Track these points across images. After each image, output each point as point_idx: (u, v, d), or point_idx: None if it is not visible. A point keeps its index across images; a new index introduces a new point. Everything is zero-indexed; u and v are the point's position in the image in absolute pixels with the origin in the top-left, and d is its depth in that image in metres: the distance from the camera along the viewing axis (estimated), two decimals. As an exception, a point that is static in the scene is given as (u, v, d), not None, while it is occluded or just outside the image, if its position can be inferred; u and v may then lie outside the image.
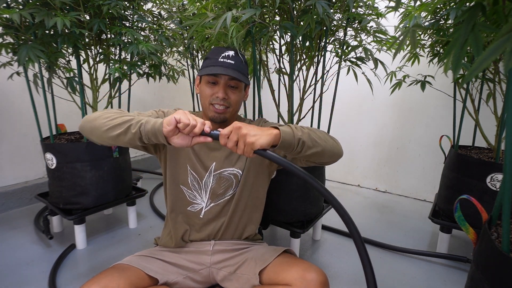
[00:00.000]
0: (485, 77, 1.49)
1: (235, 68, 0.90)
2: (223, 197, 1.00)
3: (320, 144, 0.79)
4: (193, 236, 1.01)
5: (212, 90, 0.92)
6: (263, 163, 1.02)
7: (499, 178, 1.31)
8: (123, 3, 1.42)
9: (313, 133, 0.79)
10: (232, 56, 0.92)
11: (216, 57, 0.91)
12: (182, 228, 1.00)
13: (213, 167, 0.99)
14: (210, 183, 0.99)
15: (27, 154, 2.06)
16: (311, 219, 1.44)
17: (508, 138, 0.57)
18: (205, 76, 0.93)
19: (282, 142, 0.72)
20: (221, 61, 0.90)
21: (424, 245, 1.65)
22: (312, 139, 0.78)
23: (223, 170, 0.99)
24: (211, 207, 1.00)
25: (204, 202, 1.00)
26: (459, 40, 0.57)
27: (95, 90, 1.63)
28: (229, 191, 1.00)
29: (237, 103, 0.95)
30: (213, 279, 0.99)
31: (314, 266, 0.83)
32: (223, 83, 0.91)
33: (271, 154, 0.69)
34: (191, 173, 0.99)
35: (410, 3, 1.40)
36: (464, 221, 0.74)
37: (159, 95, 2.89)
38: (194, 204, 1.00)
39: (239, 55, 0.94)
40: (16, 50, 1.36)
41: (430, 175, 2.28)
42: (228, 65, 0.90)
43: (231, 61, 0.90)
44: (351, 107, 2.55)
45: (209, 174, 0.99)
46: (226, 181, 1.00)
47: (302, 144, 0.75)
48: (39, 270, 1.34)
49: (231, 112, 0.95)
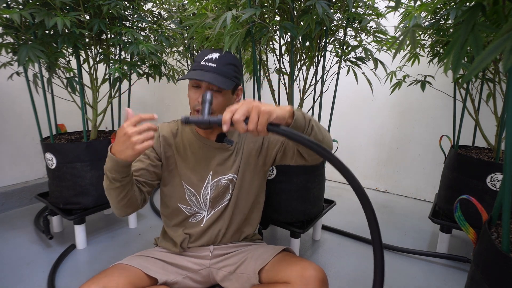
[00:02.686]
0: (485, 77, 1.49)
1: (216, 71, 0.86)
2: (221, 202, 1.00)
3: (322, 133, 0.78)
4: (192, 243, 1.00)
5: (195, 95, 0.88)
6: (257, 163, 1.01)
7: (499, 178, 1.31)
8: (123, 3, 1.42)
9: (318, 124, 0.78)
10: (215, 59, 0.87)
11: (199, 60, 0.88)
12: (181, 237, 0.99)
13: (210, 177, 0.97)
14: (209, 194, 0.98)
15: (27, 154, 2.06)
16: (311, 219, 1.44)
17: (508, 138, 0.57)
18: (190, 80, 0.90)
19: (295, 120, 0.68)
20: (202, 64, 0.87)
21: (424, 245, 1.65)
22: (317, 124, 0.76)
23: (219, 178, 0.98)
24: (211, 217, 1.00)
25: (205, 211, 0.99)
26: (459, 40, 0.57)
27: (95, 90, 1.63)
28: (227, 196, 1.00)
29: (220, 108, 0.89)
30: (212, 279, 0.99)
31: (313, 264, 0.83)
32: (205, 87, 0.87)
33: (286, 129, 0.59)
34: (188, 189, 0.97)
35: (410, 3, 1.40)
36: (464, 221, 0.74)
37: (159, 95, 2.89)
38: (196, 215, 1.00)
39: (226, 57, 0.89)
40: (16, 50, 1.36)
41: (430, 175, 2.28)
42: (209, 69, 0.86)
43: (212, 64, 0.86)
44: (351, 107, 2.55)
45: (206, 184, 0.97)
46: (223, 187, 0.99)
47: (311, 127, 0.73)
48: (39, 270, 1.34)
49: None
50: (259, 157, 1.01)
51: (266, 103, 0.63)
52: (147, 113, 0.70)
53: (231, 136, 1.00)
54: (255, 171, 1.02)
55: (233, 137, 1.00)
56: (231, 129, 0.62)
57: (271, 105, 0.63)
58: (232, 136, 1.00)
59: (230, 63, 0.90)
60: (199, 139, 0.98)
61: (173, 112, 3.06)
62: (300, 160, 0.90)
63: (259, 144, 1.01)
